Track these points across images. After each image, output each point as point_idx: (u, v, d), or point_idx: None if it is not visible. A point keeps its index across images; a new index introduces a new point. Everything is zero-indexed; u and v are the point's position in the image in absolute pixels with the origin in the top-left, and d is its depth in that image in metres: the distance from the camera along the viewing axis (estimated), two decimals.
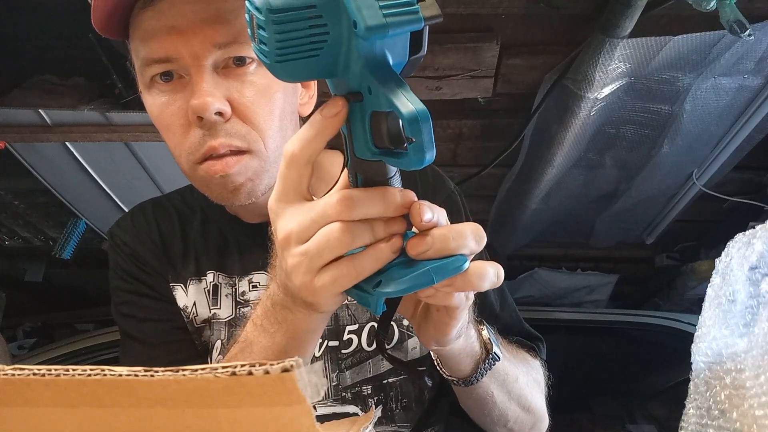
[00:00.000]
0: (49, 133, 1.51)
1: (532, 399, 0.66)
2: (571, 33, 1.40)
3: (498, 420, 0.65)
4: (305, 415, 0.29)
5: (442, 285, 0.40)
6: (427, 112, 0.34)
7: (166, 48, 0.57)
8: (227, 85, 0.58)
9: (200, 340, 0.71)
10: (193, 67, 0.57)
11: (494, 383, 0.60)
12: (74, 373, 0.28)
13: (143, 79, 0.62)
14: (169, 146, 0.63)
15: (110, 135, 1.50)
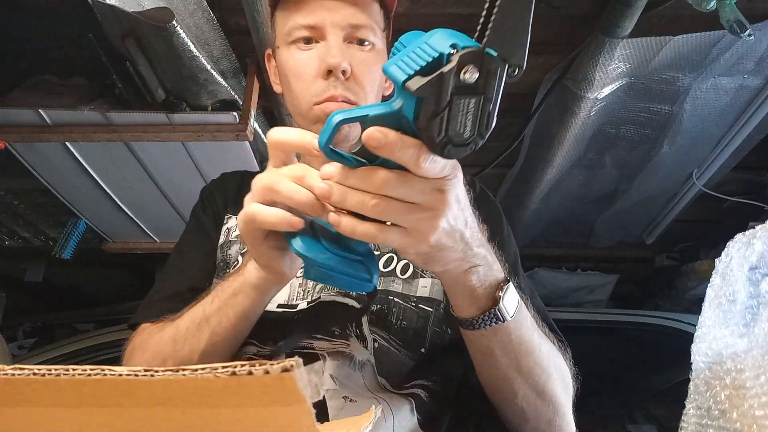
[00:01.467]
0: (49, 133, 1.51)
1: (548, 384, 0.63)
2: (571, 33, 1.40)
3: (500, 388, 0.63)
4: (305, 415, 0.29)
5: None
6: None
7: (315, 18, 0.75)
8: (350, 54, 0.76)
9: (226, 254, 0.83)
10: (331, 35, 0.75)
11: (496, 343, 0.59)
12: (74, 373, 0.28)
13: (287, 39, 0.78)
14: (294, 90, 0.78)
15: (110, 135, 1.50)
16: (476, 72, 0.40)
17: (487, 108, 0.42)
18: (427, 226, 0.46)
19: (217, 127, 1.46)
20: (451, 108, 0.41)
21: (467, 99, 0.41)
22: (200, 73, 1.31)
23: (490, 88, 0.41)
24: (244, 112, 1.45)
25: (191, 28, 1.31)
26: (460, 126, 0.41)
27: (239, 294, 0.61)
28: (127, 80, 1.40)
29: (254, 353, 0.69)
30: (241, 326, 0.64)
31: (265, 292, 0.61)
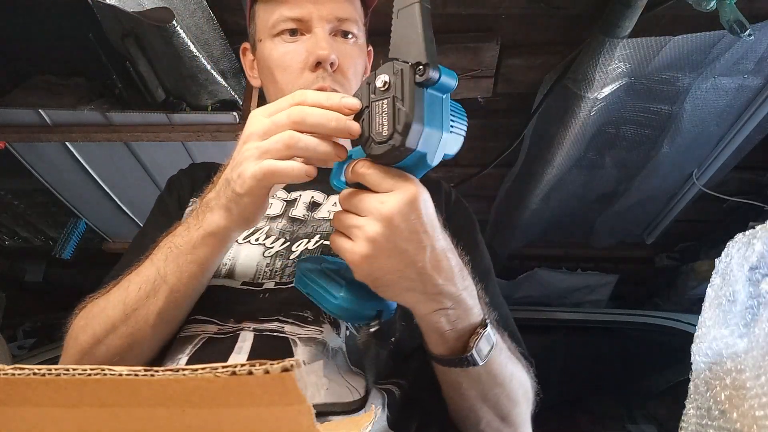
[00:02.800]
0: (49, 133, 1.51)
1: (514, 410, 0.64)
2: (571, 33, 1.40)
3: (466, 416, 0.64)
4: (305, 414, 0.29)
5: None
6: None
7: (302, 10, 0.76)
8: (336, 47, 0.76)
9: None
10: (318, 28, 0.76)
11: (465, 378, 0.59)
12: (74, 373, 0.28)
13: (271, 31, 0.78)
14: (279, 83, 0.78)
15: (110, 135, 1.50)
16: (386, 77, 0.48)
17: (398, 105, 0.47)
18: (365, 237, 0.49)
19: (217, 127, 1.46)
20: (370, 111, 0.49)
21: (381, 101, 0.48)
22: (200, 73, 1.31)
23: (398, 88, 0.47)
24: (244, 112, 1.46)
25: (191, 28, 1.31)
26: (378, 125, 0.48)
27: (200, 246, 0.59)
28: (127, 80, 1.40)
29: (215, 331, 0.66)
30: (204, 277, 0.63)
31: (230, 240, 0.60)
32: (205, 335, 0.65)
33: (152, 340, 0.64)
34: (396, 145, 0.46)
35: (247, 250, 0.74)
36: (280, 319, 0.65)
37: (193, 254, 0.60)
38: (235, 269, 0.72)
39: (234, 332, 0.65)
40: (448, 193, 0.89)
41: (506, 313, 0.78)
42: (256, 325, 0.65)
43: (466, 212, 0.87)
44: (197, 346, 0.64)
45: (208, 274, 0.63)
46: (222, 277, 0.71)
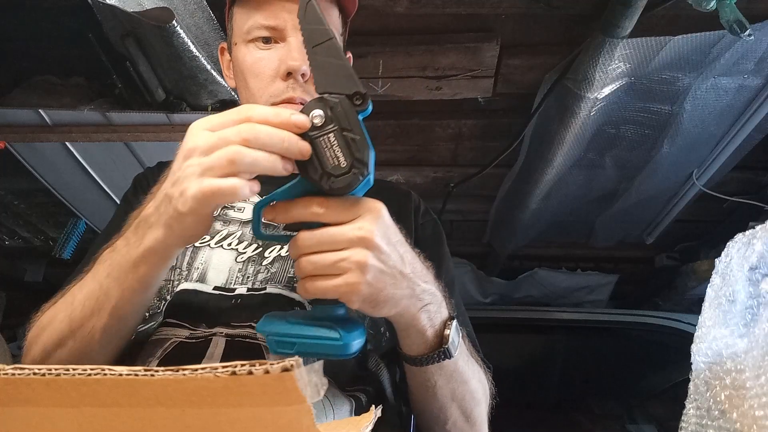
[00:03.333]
0: (49, 133, 1.51)
1: (476, 409, 0.67)
2: (571, 33, 1.40)
3: (436, 416, 0.66)
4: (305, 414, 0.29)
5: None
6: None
7: (276, 19, 0.76)
8: None
9: None
10: (292, 37, 0.75)
11: (441, 375, 0.61)
12: (74, 373, 0.28)
13: (246, 36, 0.78)
14: (251, 88, 0.78)
15: (110, 135, 1.50)
16: (320, 113, 0.48)
17: (348, 135, 0.48)
18: (357, 265, 0.49)
19: None
20: (316, 150, 0.49)
21: (325, 136, 0.48)
22: (200, 73, 1.31)
23: (340, 119, 0.48)
24: None
25: (191, 28, 1.31)
26: (332, 159, 0.48)
27: (141, 264, 0.57)
28: (127, 80, 1.40)
29: (187, 336, 0.65)
30: (146, 294, 0.61)
31: (172, 256, 0.58)
32: (176, 339, 0.65)
33: (101, 354, 0.62)
34: (360, 173, 0.48)
35: (219, 255, 0.74)
36: (252, 325, 0.65)
37: (134, 272, 0.57)
38: (207, 274, 0.72)
39: (206, 337, 0.65)
40: (417, 205, 0.90)
41: (465, 321, 0.80)
42: (228, 330, 0.65)
43: (434, 224, 0.89)
44: (168, 350, 0.64)
45: (152, 289, 0.61)
46: (194, 281, 0.71)
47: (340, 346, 0.52)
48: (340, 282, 0.49)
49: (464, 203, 2.30)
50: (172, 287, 0.72)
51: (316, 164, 0.49)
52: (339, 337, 0.52)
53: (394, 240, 0.52)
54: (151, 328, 0.69)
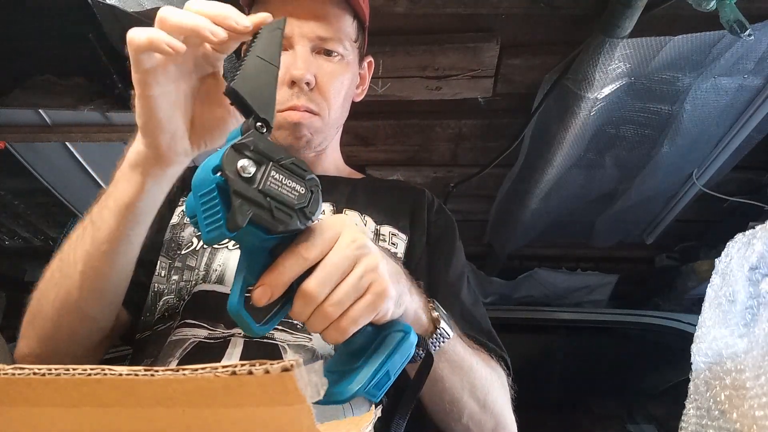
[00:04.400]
0: (49, 133, 1.51)
1: (491, 395, 0.66)
2: (571, 33, 1.40)
3: (450, 411, 0.64)
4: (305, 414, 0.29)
5: None
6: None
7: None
8: (317, 65, 0.78)
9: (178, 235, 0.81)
10: (299, 45, 0.76)
11: (445, 364, 0.61)
12: (74, 373, 0.28)
13: None
14: None
15: (110, 135, 1.51)
16: (244, 162, 0.42)
17: (285, 162, 0.44)
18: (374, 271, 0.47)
19: None
20: (272, 197, 0.43)
21: (269, 178, 0.43)
22: None
23: (267, 153, 0.43)
24: None
25: None
26: (292, 193, 0.44)
27: (120, 180, 0.57)
28: (127, 80, 1.39)
29: (205, 336, 0.66)
30: (124, 220, 0.58)
31: (147, 176, 0.56)
32: (195, 339, 0.66)
33: (82, 293, 0.61)
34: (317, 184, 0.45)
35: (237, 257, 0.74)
36: None
37: (112, 188, 0.58)
38: (225, 275, 0.72)
39: (224, 338, 0.65)
40: (431, 201, 0.91)
41: (479, 314, 0.80)
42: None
43: (448, 219, 0.90)
44: (187, 350, 0.65)
45: (131, 218, 0.58)
46: (212, 282, 0.72)
47: (411, 339, 0.50)
48: (371, 297, 0.46)
49: (464, 203, 2.30)
50: (190, 288, 0.72)
51: (284, 208, 0.43)
52: (404, 333, 0.50)
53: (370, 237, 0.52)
54: (168, 328, 0.70)
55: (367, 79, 0.95)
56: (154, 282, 0.78)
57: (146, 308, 0.77)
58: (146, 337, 0.73)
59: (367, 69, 0.95)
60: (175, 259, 0.77)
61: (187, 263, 0.76)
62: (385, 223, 0.82)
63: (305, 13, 0.77)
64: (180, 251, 0.78)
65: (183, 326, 0.67)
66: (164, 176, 0.57)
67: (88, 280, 0.60)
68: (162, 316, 0.73)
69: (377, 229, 0.81)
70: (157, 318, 0.73)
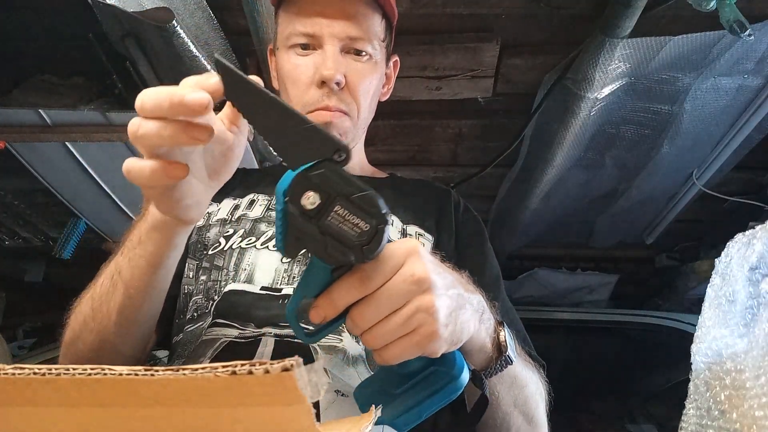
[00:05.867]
0: (49, 133, 1.51)
1: (537, 410, 0.65)
2: (571, 33, 1.40)
3: (501, 424, 0.64)
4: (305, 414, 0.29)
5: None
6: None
7: (314, 27, 0.77)
8: (346, 65, 0.78)
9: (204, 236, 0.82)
10: (328, 45, 0.77)
11: (502, 385, 0.59)
12: (74, 373, 0.28)
13: (286, 42, 0.80)
14: (290, 94, 0.80)
15: (110, 135, 1.50)
16: (311, 194, 0.41)
17: (354, 196, 0.42)
18: (427, 313, 0.45)
19: None
20: (331, 231, 0.42)
21: (333, 213, 0.42)
22: (200, 73, 1.31)
23: (337, 187, 0.42)
24: None
25: (191, 28, 1.31)
26: (353, 230, 0.42)
27: (146, 241, 0.57)
28: (127, 80, 1.40)
29: (236, 335, 0.66)
30: (155, 275, 0.59)
31: (172, 236, 0.56)
32: (226, 339, 0.66)
33: (118, 338, 0.62)
34: (386, 223, 0.42)
35: (265, 256, 0.75)
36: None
37: (140, 248, 0.58)
38: (254, 274, 0.72)
39: (255, 337, 0.65)
40: (457, 202, 0.91)
41: (515, 318, 0.79)
42: (277, 330, 0.66)
43: (475, 221, 0.89)
44: (218, 349, 0.65)
45: (162, 272, 0.59)
46: (241, 282, 0.72)
47: (458, 384, 0.48)
48: (417, 338, 0.45)
49: None
50: (219, 288, 0.73)
51: (339, 246, 0.42)
52: (449, 379, 0.48)
53: (439, 265, 0.49)
54: (199, 329, 0.70)
55: (392, 79, 0.95)
56: (183, 284, 0.78)
57: (178, 311, 0.77)
58: (179, 340, 0.73)
59: (392, 68, 0.94)
60: (203, 260, 0.78)
61: (215, 263, 0.76)
62: (411, 223, 0.82)
63: (335, 12, 0.77)
64: (207, 251, 0.79)
65: (214, 326, 0.68)
66: (190, 228, 0.59)
67: (123, 328, 0.62)
68: (192, 317, 0.73)
69: (404, 229, 0.81)
70: (188, 319, 0.74)
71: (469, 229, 0.86)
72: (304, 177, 0.42)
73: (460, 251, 0.83)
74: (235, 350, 0.64)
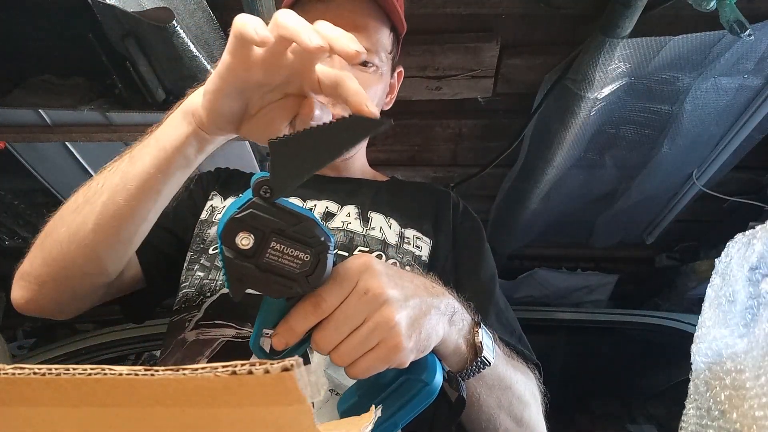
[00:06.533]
0: (49, 133, 1.51)
1: (526, 412, 0.65)
2: (571, 33, 1.40)
3: (486, 426, 0.64)
4: (305, 414, 0.29)
5: None
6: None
7: None
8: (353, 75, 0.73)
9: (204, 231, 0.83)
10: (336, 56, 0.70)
11: (483, 386, 0.59)
12: (74, 373, 0.28)
13: None
14: None
15: (110, 135, 1.50)
16: (243, 234, 0.42)
17: (289, 230, 0.42)
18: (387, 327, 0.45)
19: None
20: (271, 269, 0.43)
21: (269, 251, 0.42)
22: (200, 73, 1.31)
23: (269, 223, 0.42)
24: None
25: (191, 28, 1.31)
26: (293, 262, 0.43)
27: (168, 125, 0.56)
28: (127, 80, 1.40)
29: (233, 335, 0.66)
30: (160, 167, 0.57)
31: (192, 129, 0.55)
32: (223, 339, 0.66)
33: (98, 225, 0.60)
34: (326, 249, 0.43)
35: None
36: None
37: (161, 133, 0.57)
38: None
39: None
40: (456, 203, 0.91)
41: (510, 317, 0.79)
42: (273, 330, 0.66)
43: (473, 221, 0.89)
44: (216, 350, 0.65)
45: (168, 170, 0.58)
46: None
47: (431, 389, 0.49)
48: (382, 352, 0.46)
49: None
50: (215, 286, 0.73)
51: (281, 280, 0.43)
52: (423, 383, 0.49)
53: (396, 276, 0.49)
54: (182, 320, 0.70)
55: (396, 89, 0.96)
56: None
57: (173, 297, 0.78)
58: (168, 326, 0.74)
59: (396, 79, 0.95)
60: (201, 255, 0.78)
61: (215, 264, 0.76)
62: (409, 226, 0.82)
63: (345, 24, 0.76)
64: (207, 250, 0.79)
65: (211, 327, 0.68)
66: (205, 141, 0.57)
67: (107, 215, 0.59)
68: (179, 307, 0.74)
69: (401, 232, 0.81)
70: (174, 309, 0.75)
71: (467, 230, 0.86)
72: (234, 220, 0.42)
73: (456, 252, 0.83)
74: (233, 350, 0.64)
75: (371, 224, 0.79)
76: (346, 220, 0.80)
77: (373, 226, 0.79)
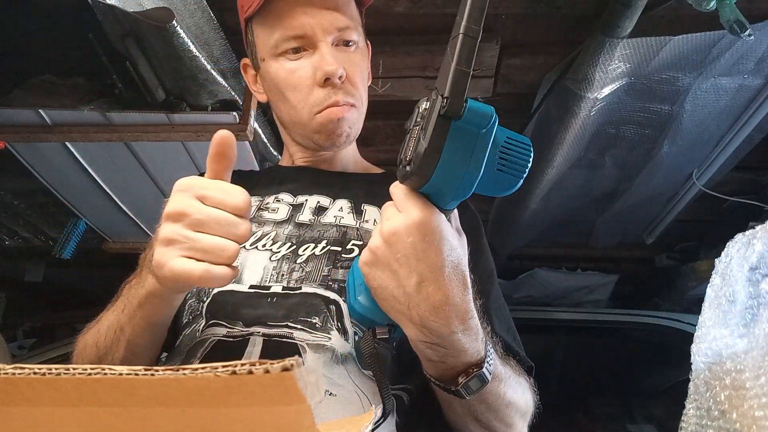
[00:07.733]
0: (49, 133, 1.51)
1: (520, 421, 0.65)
2: (571, 33, 1.40)
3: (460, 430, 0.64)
4: (305, 414, 0.29)
5: None
6: None
7: (303, 28, 0.76)
8: (341, 58, 0.78)
9: None
10: (321, 42, 0.76)
11: (456, 402, 0.58)
12: (74, 373, 0.28)
13: (274, 51, 0.79)
14: (291, 101, 0.79)
15: (110, 135, 1.50)
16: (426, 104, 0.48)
17: (420, 135, 0.47)
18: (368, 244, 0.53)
19: (217, 127, 1.46)
20: (409, 135, 0.49)
21: (416, 128, 0.48)
22: (200, 73, 1.31)
23: (424, 118, 0.47)
24: (244, 112, 1.45)
25: (191, 28, 1.31)
26: (406, 150, 0.49)
27: (145, 305, 0.61)
28: (127, 80, 1.40)
29: (224, 334, 0.66)
30: (155, 333, 0.65)
31: (171, 300, 0.62)
32: (214, 338, 0.66)
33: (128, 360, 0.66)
34: (409, 172, 0.47)
35: (254, 256, 0.74)
36: (288, 325, 0.65)
37: (140, 311, 0.61)
38: (242, 274, 0.72)
39: (243, 336, 0.65)
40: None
41: (507, 315, 0.79)
42: (265, 330, 0.65)
43: (472, 216, 0.88)
44: (207, 349, 0.65)
45: (160, 327, 0.65)
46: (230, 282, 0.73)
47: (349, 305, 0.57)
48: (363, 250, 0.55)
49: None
50: (209, 289, 0.72)
51: (402, 149, 0.50)
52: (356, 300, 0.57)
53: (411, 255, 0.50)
54: (193, 331, 0.70)
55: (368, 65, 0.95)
56: None
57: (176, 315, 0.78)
58: (178, 344, 0.74)
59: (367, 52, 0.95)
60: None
61: None
62: None
63: (318, 7, 0.77)
64: None
65: (207, 327, 0.68)
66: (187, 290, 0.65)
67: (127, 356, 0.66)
68: (188, 320, 0.73)
69: None
70: (184, 323, 0.74)
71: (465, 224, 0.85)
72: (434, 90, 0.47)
73: None
74: (223, 349, 0.64)
75: (365, 217, 0.79)
76: (339, 214, 0.79)
77: (366, 218, 0.78)
